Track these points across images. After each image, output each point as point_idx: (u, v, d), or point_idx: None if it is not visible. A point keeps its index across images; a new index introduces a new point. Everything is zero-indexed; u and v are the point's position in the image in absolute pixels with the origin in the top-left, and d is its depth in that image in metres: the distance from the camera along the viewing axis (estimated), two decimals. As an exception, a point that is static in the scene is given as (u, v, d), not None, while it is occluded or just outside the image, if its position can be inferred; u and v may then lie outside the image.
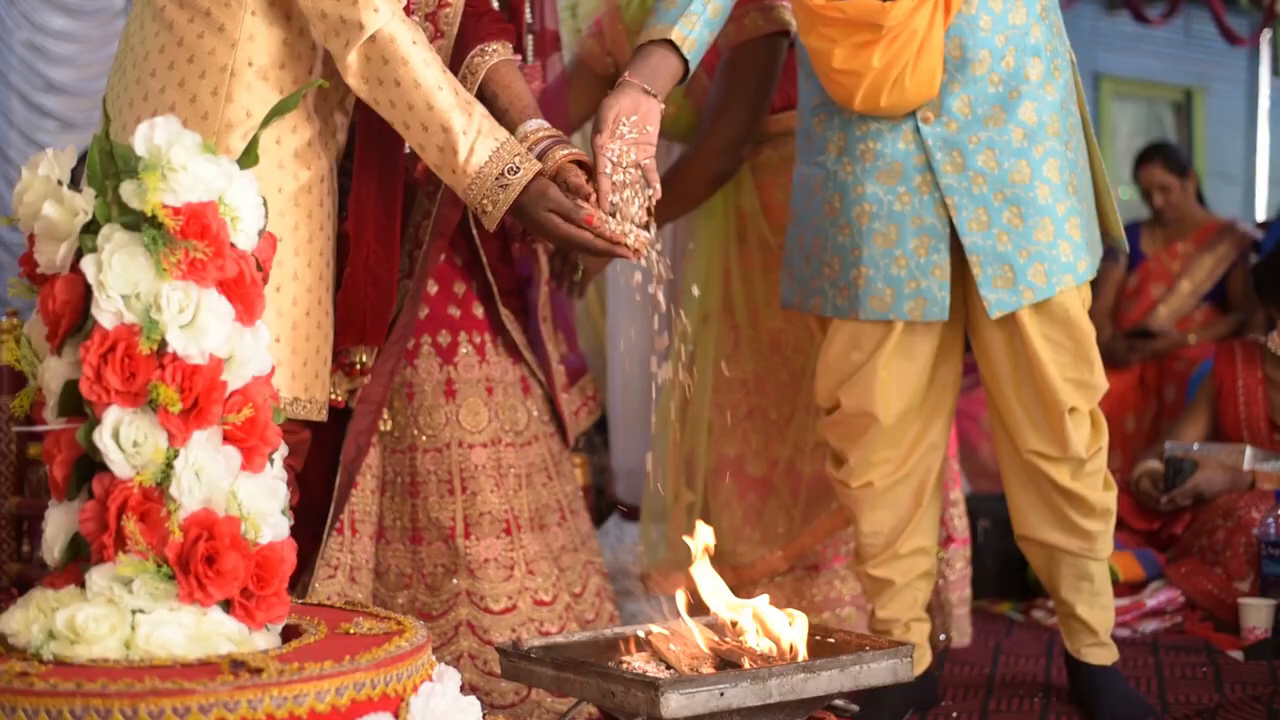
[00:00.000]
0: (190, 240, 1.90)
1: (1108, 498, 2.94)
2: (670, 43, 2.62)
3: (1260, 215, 9.91)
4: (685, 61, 2.64)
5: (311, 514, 2.78)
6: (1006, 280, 2.79)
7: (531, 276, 3.07)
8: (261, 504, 1.97)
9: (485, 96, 2.69)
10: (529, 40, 3.00)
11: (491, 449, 2.93)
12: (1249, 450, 4.06)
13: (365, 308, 2.72)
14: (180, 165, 1.92)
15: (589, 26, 3.61)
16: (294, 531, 2.23)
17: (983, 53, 2.77)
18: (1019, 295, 2.80)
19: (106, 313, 1.89)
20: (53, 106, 6.55)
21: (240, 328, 1.98)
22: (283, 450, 2.06)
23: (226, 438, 1.96)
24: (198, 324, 1.92)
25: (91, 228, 1.93)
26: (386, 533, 2.94)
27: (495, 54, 2.74)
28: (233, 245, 1.98)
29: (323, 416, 2.63)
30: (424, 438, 2.91)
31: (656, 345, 3.18)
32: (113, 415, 1.89)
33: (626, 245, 2.49)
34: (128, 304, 1.90)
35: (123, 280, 1.89)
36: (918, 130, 2.79)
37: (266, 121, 2.12)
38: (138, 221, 1.92)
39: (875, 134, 2.81)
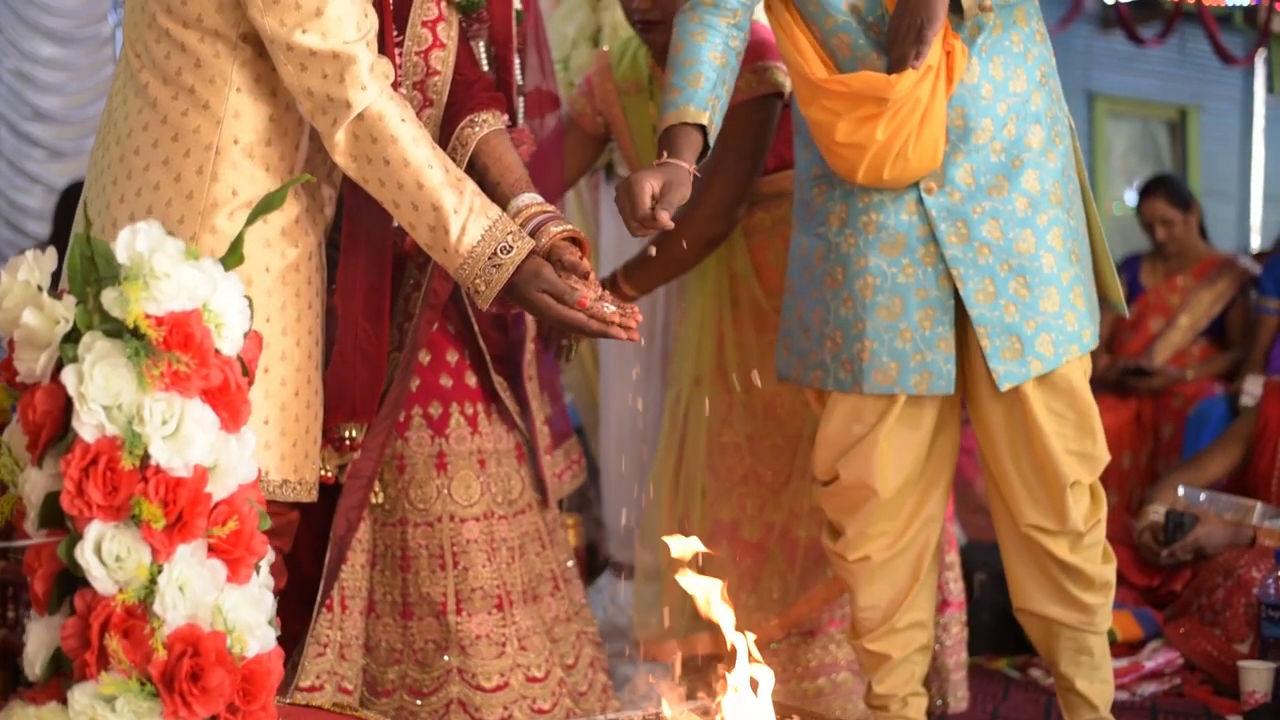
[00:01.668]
0: (174, 352, 1.86)
1: (1107, 570, 2.90)
2: (700, 125, 2.63)
3: (1255, 232, 9.90)
4: (707, 146, 2.65)
5: (301, 591, 2.73)
6: (1015, 352, 2.76)
7: (521, 339, 3.03)
8: (247, 616, 1.94)
9: (476, 169, 2.65)
10: (520, 102, 2.95)
11: (484, 522, 2.88)
12: (1260, 506, 4.01)
13: (355, 385, 2.67)
14: (163, 273, 1.88)
15: (579, 85, 3.57)
16: (283, 609, 2.20)
17: (985, 121, 2.73)
18: (1027, 367, 2.76)
19: (88, 425, 1.85)
20: (41, 135, 6.52)
21: (225, 436, 1.94)
22: (269, 557, 2.02)
23: (211, 549, 1.92)
24: (181, 435, 1.88)
25: (72, 336, 1.89)
26: (376, 607, 2.89)
27: (486, 124, 2.69)
28: (217, 352, 1.94)
29: (313, 497, 2.59)
30: (415, 511, 2.86)
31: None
32: (95, 530, 1.86)
33: (620, 326, 2.44)
34: (109, 415, 1.86)
35: (104, 392, 1.85)
36: (921, 201, 2.75)
37: (253, 219, 2.08)
38: (120, 329, 1.88)
39: (878, 205, 2.77)
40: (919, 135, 2.68)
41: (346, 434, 2.73)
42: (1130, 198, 9.61)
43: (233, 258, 2.02)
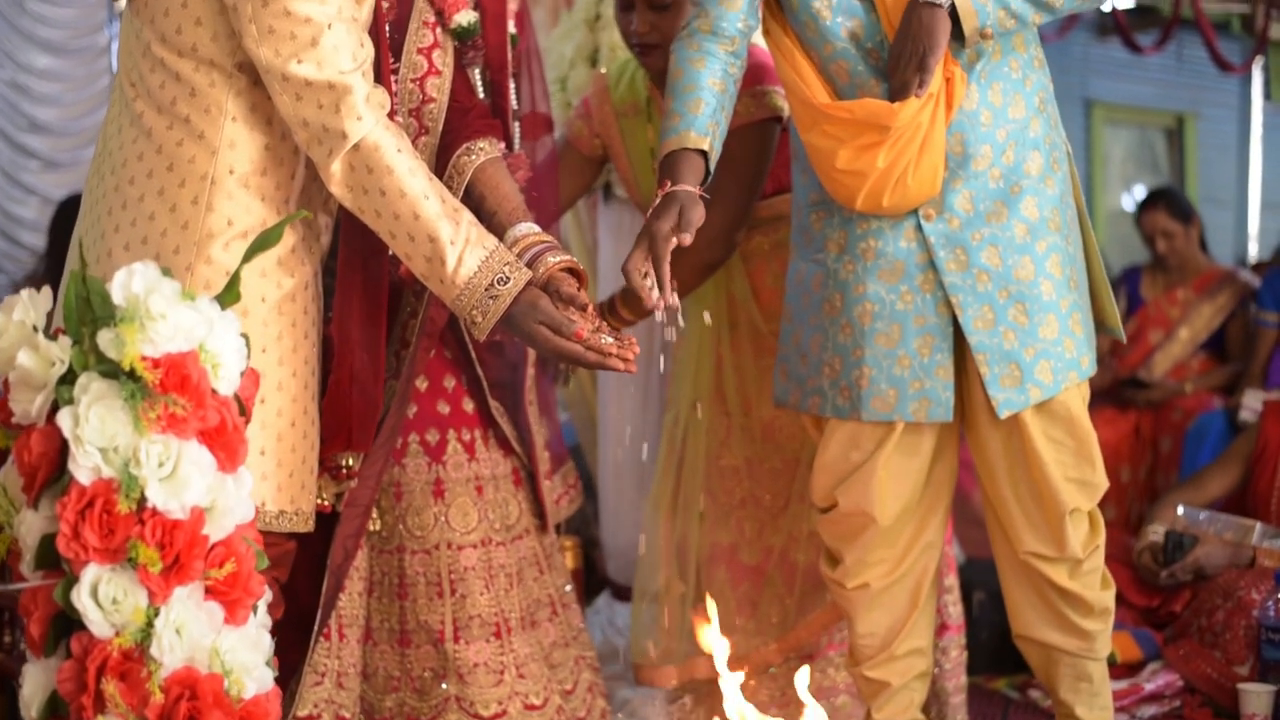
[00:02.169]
0: (170, 394, 1.85)
1: (1106, 596, 2.89)
2: (701, 151, 2.62)
3: (1253, 240, 9.88)
4: (708, 172, 2.65)
5: (298, 619, 2.72)
6: (1014, 379, 2.75)
7: (520, 363, 3.02)
8: (245, 657, 1.93)
9: (472, 197, 2.64)
10: (515, 127, 2.93)
11: (481, 549, 2.87)
12: (1259, 526, 3.99)
13: (351, 414, 2.65)
14: (159, 314, 1.87)
15: (577, 107, 3.55)
16: (281, 638, 2.20)
17: (984, 148, 2.72)
18: (1026, 394, 2.75)
19: (84, 468, 1.85)
20: (36, 146, 6.49)
21: (222, 476, 1.93)
22: (266, 596, 2.02)
23: (209, 591, 1.91)
24: (178, 477, 1.87)
25: (68, 378, 1.88)
26: (374, 634, 2.88)
27: (482, 152, 2.69)
28: (214, 392, 1.93)
29: (309, 527, 2.57)
30: (412, 539, 2.85)
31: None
32: (91, 573, 1.85)
33: (618, 358, 2.43)
34: (105, 458, 1.85)
35: (100, 434, 1.84)
36: (919, 228, 2.74)
37: (249, 256, 2.07)
38: (116, 370, 1.87)
39: (876, 232, 2.76)
40: (918, 162, 2.67)
41: (343, 462, 2.71)
42: (1128, 203, 9.61)
43: (229, 295, 2.01)
